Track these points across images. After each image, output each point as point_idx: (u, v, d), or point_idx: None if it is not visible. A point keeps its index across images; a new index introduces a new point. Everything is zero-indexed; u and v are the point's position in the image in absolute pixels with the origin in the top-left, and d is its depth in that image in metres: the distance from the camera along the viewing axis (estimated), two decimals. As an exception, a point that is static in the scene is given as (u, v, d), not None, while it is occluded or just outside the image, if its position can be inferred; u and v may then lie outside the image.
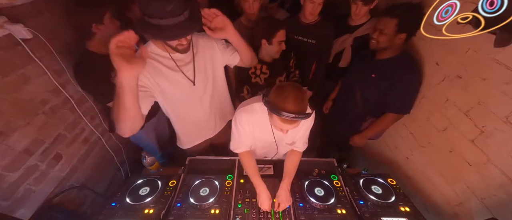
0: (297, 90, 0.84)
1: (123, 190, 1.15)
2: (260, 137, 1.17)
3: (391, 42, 1.26)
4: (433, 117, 1.33)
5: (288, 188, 1.11)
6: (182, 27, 0.81)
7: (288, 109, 0.80)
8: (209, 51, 1.14)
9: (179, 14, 0.78)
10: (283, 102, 0.81)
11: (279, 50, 1.40)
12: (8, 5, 0.94)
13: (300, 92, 0.84)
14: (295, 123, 0.87)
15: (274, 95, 0.85)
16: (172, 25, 0.79)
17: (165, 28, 0.79)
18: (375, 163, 1.97)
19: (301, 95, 0.83)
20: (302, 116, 0.82)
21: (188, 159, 1.37)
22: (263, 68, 1.50)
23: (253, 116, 1.06)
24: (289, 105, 0.80)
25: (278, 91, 0.85)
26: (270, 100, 0.85)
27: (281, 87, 0.85)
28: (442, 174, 1.30)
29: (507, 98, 0.94)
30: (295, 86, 0.85)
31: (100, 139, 1.56)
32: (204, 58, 1.12)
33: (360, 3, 1.47)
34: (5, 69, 0.99)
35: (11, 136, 1.02)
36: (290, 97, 0.81)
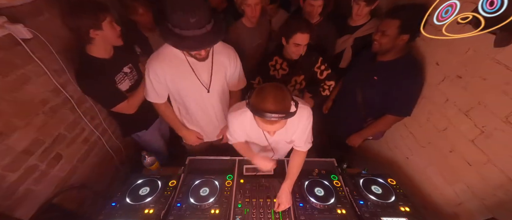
0: (277, 89, 0.82)
1: (123, 190, 1.15)
2: (255, 139, 1.19)
3: (393, 43, 1.25)
4: (433, 117, 1.33)
5: (289, 189, 1.10)
6: (203, 39, 0.82)
7: (267, 109, 0.79)
8: (226, 62, 1.16)
9: (202, 26, 0.80)
10: (263, 103, 0.80)
11: (295, 52, 1.37)
12: (8, 5, 0.94)
13: (280, 91, 0.82)
14: (277, 123, 0.84)
15: (254, 96, 0.84)
16: (193, 36, 0.80)
17: (186, 38, 0.80)
18: (375, 163, 1.97)
19: (281, 94, 0.81)
20: (283, 115, 0.79)
21: (188, 159, 1.37)
22: (284, 65, 1.50)
23: (244, 120, 1.06)
24: (269, 105, 0.79)
25: (258, 91, 0.83)
26: (251, 102, 0.84)
27: (261, 88, 0.84)
28: (442, 174, 1.30)
29: (507, 98, 0.94)
30: (276, 86, 0.84)
31: (100, 139, 1.56)
32: (220, 67, 1.15)
33: (362, 4, 1.47)
34: (5, 69, 0.99)
35: (11, 136, 1.02)
36: (269, 97, 0.80)
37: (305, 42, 1.32)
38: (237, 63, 1.22)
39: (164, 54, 1.03)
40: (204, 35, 0.81)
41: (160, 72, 1.04)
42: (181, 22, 0.77)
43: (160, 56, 1.04)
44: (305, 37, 1.29)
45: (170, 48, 0.99)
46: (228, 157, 1.38)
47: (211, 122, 1.38)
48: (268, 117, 0.79)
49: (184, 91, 1.15)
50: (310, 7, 1.51)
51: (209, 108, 1.28)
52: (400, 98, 1.34)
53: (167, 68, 1.04)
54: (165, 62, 1.03)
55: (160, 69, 1.04)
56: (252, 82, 1.59)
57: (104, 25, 1.11)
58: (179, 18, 0.76)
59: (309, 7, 1.51)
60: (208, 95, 1.17)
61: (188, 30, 0.78)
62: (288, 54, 1.46)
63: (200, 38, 0.81)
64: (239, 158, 1.37)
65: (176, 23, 0.78)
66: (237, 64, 1.22)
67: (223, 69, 1.17)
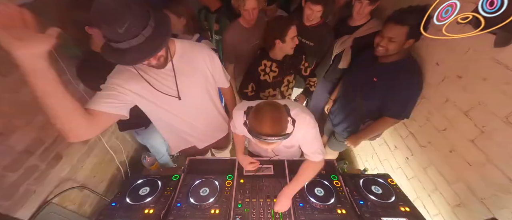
0: (273, 111, 0.81)
1: (123, 190, 1.15)
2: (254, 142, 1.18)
3: (401, 48, 1.24)
4: (433, 117, 1.33)
5: (287, 194, 1.08)
6: (143, 48, 0.72)
7: (264, 132, 0.79)
8: (198, 67, 1.06)
9: (136, 35, 0.69)
10: (259, 125, 0.80)
11: (293, 45, 1.42)
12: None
13: (277, 113, 0.82)
14: (273, 144, 0.86)
15: (251, 118, 0.84)
16: (130, 48, 0.70)
17: (125, 51, 0.71)
18: (375, 163, 1.97)
19: (278, 116, 0.81)
20: (279, 138, 0.80)
21: (188, 159, 1.37)
22: (273, 66, 1.52)
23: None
24: (265, 128, 0.79)
25: (255, 113, 0.83)
26: (249, 123, 0.85)
27: (258, 109, 0.83)
28: (442, 174, 1.30)
29: (507, 98, 0.94)
30: (273, 107, 0.83)
31: (100, 139, 1.56)
32: (189, 71, 1.02)
33: (365, 2, 1.46)
34: (5, 69, 0.99)
35: (11, 136, 1.02)
36: (265, 119, 0.79)
37: (296, 34, 1.40)
38: (215, 60, 1.12)
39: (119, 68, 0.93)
40: (143, 43, 0.71)
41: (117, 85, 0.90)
42: (111, 35, 0.68)
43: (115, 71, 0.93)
44: (295, 27, 1.38)
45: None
46: (228, 157, 1.38)
47: (196, 129, 1.26)
48: (264, 140, 0.80)
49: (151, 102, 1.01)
50: (309, 10, 1.54)
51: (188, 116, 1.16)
52: (399, 101, 1.33)
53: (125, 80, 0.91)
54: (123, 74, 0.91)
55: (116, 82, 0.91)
56: (246, 91, 1.60)
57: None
58: (107, 31, 0.67)
59: (308, 10, 1.55)
60: (181, 103, 1.04)
61: (122, 42, 0.68)
62: (280, 54, 1.48)
63: (138, 48, 0.71)
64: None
65: (109, 37, 0.69)
66: (215, 61, 1.12)
67: (198, 71, 1.06)
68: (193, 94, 1.07)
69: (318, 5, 1.48)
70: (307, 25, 1.64)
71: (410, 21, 1.16)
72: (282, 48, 1.44)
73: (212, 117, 1.31)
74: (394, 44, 1.23)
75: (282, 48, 1.44)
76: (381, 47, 1.27)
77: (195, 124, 1.22)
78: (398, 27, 1.19)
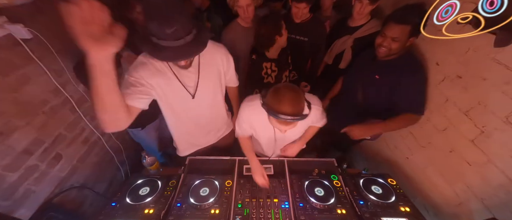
0: (293, 92, 0.84)
1: (123, 190, 1.15)
2: (262, 133, 1.21)
3: (403, 47, 1.24)
4: (433, 117, 1.33)
5: (299, 144, 1.31)
6: (181, 51, 0.78)
7: (284, 111, 0.82)
8: (216, 67, 1.12)
9: (180, 38, 0.75)
10: (279, 104, 0.82)
11: (287, 35, 1.46)
12: (8, 5, 0.94)
13: (296, 93, 0.85)
14: (292, 124, 0.89)
15: (270, 97, 0.86)
16: (170, 48, 0.76)
17: (163, 48, 0.76)
18: (375, 163, 1.97)
19: (297, 96, 0.84)
20: (298, 117, 0.83)
21: (188, 159, 1.37)
22: (272, 66, 1.54)
23: (255, 113, 1.08)
24: (285, 107, 0.82)
25: (274, 93, 0.86)
26: (267, 102, 0.87)
27: (277, 89, 0.86)
28: (442, 174, 1.30)
29: (507, 98, 0.94)
30: (291, 87, 0.86)
31: (100, 139, 1.56)
32: (209, 72, 1.10)
33: (365, 2, 1.46)
34: (5, 69, 0.99)
35: (11, 136, 1.02)
36: (285, 99, 0.83)
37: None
38: (230, 61, 1.18)
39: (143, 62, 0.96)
40: (182, 46, 0.77)
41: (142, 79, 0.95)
42: (158, 32, 0.73)
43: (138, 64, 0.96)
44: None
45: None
46: (228, 157, 1.39)
47: (202, 129, 1.31)
48: (284, 119, 0.82)
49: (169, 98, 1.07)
50: (295, 8, 1.57)
51: (197, 116, 1.21)
52: (413, 96, 1.30)
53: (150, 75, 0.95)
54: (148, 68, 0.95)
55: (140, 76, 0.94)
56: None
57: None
58: (155, 28, 0.72)
59: (294, 9, 1.58)
60: (194, 101, 1.10)
61: (165, 40, 0.74)
62: (275, 52, 1.50)
63: (177, 49, 0.76)
64: (239, 158, 1.37)
65: (153, 32, 0.74)
66: (230, 62, 1.19)
67: (219, 69, 1.13)
68: (206, 90, 1.13)
69: (302, 3, 1.50)
70: (297, 22, 1.66)
71: (412, 20, 1.16)
72: (280, 42, 1.45)
73: (220, 113, 1.35)
74: (397, 44, 1.22)
75: (280, 42, 1.45)
76: (384, 47, 1.26)
77: (204, 118, 1.26)
78: (400, 27, 1.18)
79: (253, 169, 1.20)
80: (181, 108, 1.13)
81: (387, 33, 1.23)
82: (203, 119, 1.25)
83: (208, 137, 1.40)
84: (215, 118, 1.33)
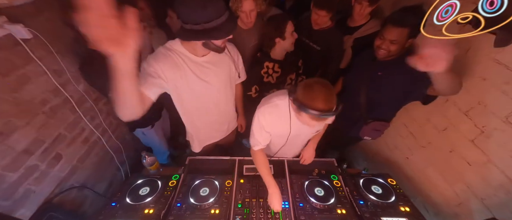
0: (326, 88, 0.84)
1: (123, 190, 1.15)
2: (277, 133, 1.16)
3: (402, 49, 1.24)
4: (433, 117, 1.33)
5: (313, 147, 1.33)
6: (227, 25, 0.87)
7: (318, 107, 0.81)
8: (229, 59, 1.18)
9: (222, 14, 0.84)
10: (313, 101, 0.82)
11: (293, 40, 1.42)
12: (8, 5, 0.94)
13: (329, 90, 0.84)
14: (324, 120, 0.88)
15: (303, 94, 0.85)
16: (217, 26, 0.84)
17: (212, 30, 0.84)
18: (375, 163, 1.97)
19: (330, 92, 0.84)
20: (332, 113, 0.83)
21: (188, 159, 1.37)
22: (275, 67, 1.52)
23: (276, 115, 1.07)
24: (320, 104, 0.81)
25: (307, 90, 0.85)
26: (299, 99, 0.85)
27: (309, 85, 0.85)
28: (442, 174, 1.30)
29: (507, 98, 0.94)
30: (324, 84, 0.85)
31: (100, 139, 1.56)
32: (223, 64, 1.15)
33: (365, 4, 1.46)
34: (5, 69, 0.99)
35: (11, 136, 1.02)
36: (320, 96, 0.82)
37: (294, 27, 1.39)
38: (239, 56, 1.27)
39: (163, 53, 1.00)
40: (226, 21, 0.86)
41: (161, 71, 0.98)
42: (203, 17, 0.81)
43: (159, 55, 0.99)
44: (292, 22, 1.38)
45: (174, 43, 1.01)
46: (228, 157, 1.38)
47: (216, 121, 1.35)
48: (319, 115, 0.81)
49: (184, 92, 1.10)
50: (315, 15, 1.53)
51: (212, 106, 1.24)
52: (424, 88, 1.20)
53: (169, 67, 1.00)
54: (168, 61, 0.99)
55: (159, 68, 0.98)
56: (249, 93, 1.59)
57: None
58: (199, 14, 0.81)
59: (314, 15, 1.53)
60: (209, 90, 1.15)
61: (211, 22, 0.83)
62: (280, 54, 1.48)
63: (223, 25, 0.86)
64: (239, 158, 1.37)
65: (198, 20, 0.82)
66: (239, 56, 1.27)
67: (230, 63, 1.19)
68: (219, 83, 1.17)
69: (323, 10, 1.46)
70: (315, 29, 1.62)
71: (410, 22, 1.15)
72: (283, 46, 1.44)
73: (231, 106, 1.39)
74: (396, 46, 1.22)
75: (282, 46, 1.44)
76: (383, 49, 1.26)
77: (218, 109, 1.29)
78: (399, 30, 1.18)
79: (274, 195, 1.07)
80: (195, 101, 1.17)
81: (385, 35, 1.23)
82: (217, 111, 1.29)
83: (221, 130, 1.45)
84: (227, 111, 1.38)
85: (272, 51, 1.48)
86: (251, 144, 1.18)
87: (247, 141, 2.58)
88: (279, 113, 1.06)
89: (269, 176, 1.12)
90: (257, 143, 1.14)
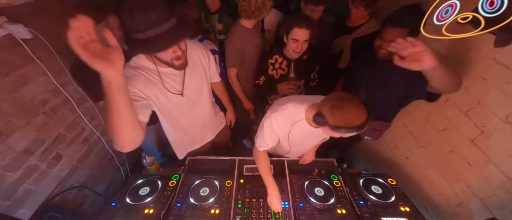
0: (354, 103, 0.82)
1: (123, 190, 1.15)
2: (285, 137, 1.15)
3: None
4: (433, 117, 1.33)
5: (314, 149, 1.33)
6: (171, 34, 0.77)
7: (356, 125, 0.79)
8: (199, 63, 1.12)
9: (166, 21, 0.75)
10: (350, 122, 0.79)
11: (294, 48, 1.38)
12: (8, 5, 0.94)
13: (356, 102, 0.82)
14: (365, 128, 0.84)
15: (335, 118, 0.81)
16: (161, 34, 0.75)
17: (154, 39, 0.75)
18: (375, 163, 1.97)
19: (359, 105, 0.82)
20: (369, 121, 0.81)
21: (188, 159, 1.37)
22: (283, 64, 1.50)
23: (287, 119, 1.05)
24: (356, 122, 0.79)
25: (338, 112, 0.81)
26: (334, 124, 0.81)
27: (337, 107, 0.82)
28: (442, 174, 1.30)
29: (507, 98, 0.94)
30: (350, 98, 0.83)
31: (100, 139, 1.56)
32: (195, 68, 1.09)
33: (361, 8, 1.47)
34: (5, 69, 0.99)
35: (11, 136, 1.02)
36: (353, 115, 0.80)
37: (304, 38, 1.32)
38: (210, 56, 1.18)
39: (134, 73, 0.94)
40: (171, 29, 0.76)
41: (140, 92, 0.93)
42: (143, 22, 0.72)
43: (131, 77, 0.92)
44: (304, 32, 1.30)
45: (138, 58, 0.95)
46: (228, 157, 1.38)
47: (196, 126, 1.30)
48: (360, 130, 0.79)
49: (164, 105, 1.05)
50: (310, 12, 1.52)
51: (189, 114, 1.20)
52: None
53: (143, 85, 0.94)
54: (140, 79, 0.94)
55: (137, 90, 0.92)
56: (257, 82, 1.59)
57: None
58: (140, 19, 0.72)
59: (309, 12, 1.53)
60: (183, 100, 1.09)
61: (152, 29, 0.73)
62: (289, 53, 1.46)
63: (167, 33, 0.76)
64: (239, 158, 1.37)
65: (139, 26, 0.73)
66: (210, 57, 1.18)
67: (199, 67, 1.12)
68: (193, 89, 1.12)
69: (320, 6, 1.47)
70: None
71: (410, 22, 1.15)
72: (286, 46, 1.43)
73: (209, 109, 1.32)
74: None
75: (286, 46, 1.44)
76: (384, 50, 1.26)
77: (196, 118, 1.25)
78: (398, 30, 1.17)
79: (274, 196, 1.08)
80: (174, 111, 1.11)
81: (385, 36, 1.22)
82: (194, 116, 1.24)
83: (203, 133, 1.39)
84: (205, 114, 1.31)
85: (285, 47, 1.47)
86: (256, 145, 1.16)
87: (247, 141, 2.58)
88: (292, 119, 1.04)
89: (270, 176, 1.12)
90: (264, 144, 1.13)
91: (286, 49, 1.47)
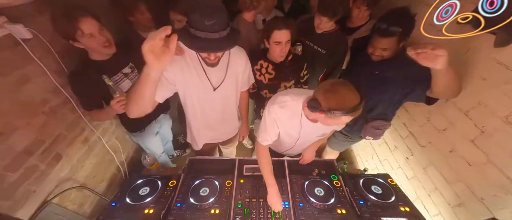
0: (346, 86, 0.84)
1: (123, 190, 1.15)
2: (286, 131, 1.17)
3: (396, 51, 1.25)
4: (433, 117, 1.33)
5: (314, 148, 1.33)
6: (215, 43, 0.85)
7: (350, 106, 0.80)
8: (239, 67, 1.18)
9: (216, 31, 0.82)
10: (343, 103, 0.81)
11: (278, 52, 1.35)
12: (8, 5, 0.93)
13: (348, 85, 0.84)
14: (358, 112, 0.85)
15: (329, 101, 0.83)
16: (205, 39, 0.82)
17: (199, 39, 0.83)
18: (375, 163, 1.97)
19: (351, 87, 0.84)
20: (363, 103, 0.82)
21: (188, 159, 1.37)
22: (269, 68, 1.48)
23: (286, 111, 1.07)
24: (349, 103, 0.81)
25: (330, 95, 0.83)
26: (327, 107, 0.83)
27: (329, 90, 0.84)
28: (442, 174, 1.30)
29: (507, 98, 0.94)
30: (341, 83, 0.85)
31: (100, 139, 1.56)
32: (233, 72, 1.16)
33: (363, 8, 1.47)
34: (5, 69, 0.99)
35: (11, 136, 1.02)
36: (346, 95, 0.82)
37: (286, 39, 1.30)
38: (248, 64, 1.23)
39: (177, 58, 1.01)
40: (217, 39, 0.84)
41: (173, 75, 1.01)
42: (197, 23, 0.80)
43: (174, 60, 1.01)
44: (284, 33, 1.28)
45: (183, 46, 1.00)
46: (228, 157, 1.38)
47: (224, 120, 1.35)
48: (354, 112, 0.81)
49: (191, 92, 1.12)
50: (318, 19, 1.48)
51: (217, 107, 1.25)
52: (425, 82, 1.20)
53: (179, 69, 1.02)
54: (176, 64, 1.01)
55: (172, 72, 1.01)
56: (252, 92, 1.58)
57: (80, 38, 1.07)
58: (196, 19, 0.80)
59: (317, 19, 1.49)
60: (215, 94, 1.15)
61: (202, 32, 0.81)
62: (273, 57, 1.44)
63: (212, 41, 0.83)
64: (239, 158, 1.37)
65: (192, 24, 0.81)
66: (248, 64, 1.24)
67: (237, 71, 1.18)
68: (228, 86, 1.18)
69: (325, 17, 1.43)
70: (318, 32, 1.57)
71: (396, 31, 1.16)
72: (270, 51, 1.40)
73: (234, 112, 1.38)
74: (388, 52, 1.25)
75: (269, 51, 1.41)
76: (376, 56, 1.29)
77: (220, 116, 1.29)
78: (387, 39, 1.20)
79: (274, 196, 1.08)
80: (202, 101, 1.17)
81: (375, 44, 1.25)
82: (221, 113, 1.28)
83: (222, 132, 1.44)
84: (231, 115, 1.37)
85: (268, 51, 1.46)
86: (259, 139, 1.17)
87: (247, 141, 2.59)
88: (289, 112, 1.07)
89: (271, 174, 1.13)
90: (268, 138, 1.15)
91: (269, 53, 1.45)
